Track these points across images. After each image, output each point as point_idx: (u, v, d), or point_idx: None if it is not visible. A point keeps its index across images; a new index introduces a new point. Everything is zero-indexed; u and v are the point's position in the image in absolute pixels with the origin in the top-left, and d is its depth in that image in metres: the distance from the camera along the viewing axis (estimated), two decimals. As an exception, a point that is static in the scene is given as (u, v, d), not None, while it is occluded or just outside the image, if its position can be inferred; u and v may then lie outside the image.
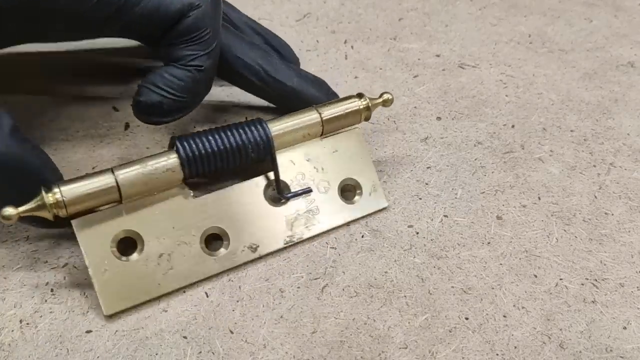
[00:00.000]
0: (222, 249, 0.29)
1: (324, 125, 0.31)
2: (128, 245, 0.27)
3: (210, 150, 0.29)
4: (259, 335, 0.26)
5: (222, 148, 0.29)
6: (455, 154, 0.36)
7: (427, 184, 0.34)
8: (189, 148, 0.28)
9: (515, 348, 0.26)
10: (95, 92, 0.40)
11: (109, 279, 0.26)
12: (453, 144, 0.37)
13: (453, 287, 0.28)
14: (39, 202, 0.26)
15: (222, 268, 0.29)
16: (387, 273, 0.29)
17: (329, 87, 0.37)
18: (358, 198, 0.32)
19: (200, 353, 0.25)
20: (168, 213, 0.28)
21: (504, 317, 0.27)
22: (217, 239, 0.29)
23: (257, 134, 0.30)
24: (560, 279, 0.29)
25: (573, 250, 0.30)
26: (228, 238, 0.29)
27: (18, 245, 0.30)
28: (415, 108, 0.40)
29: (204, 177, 0.31)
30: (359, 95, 0.33)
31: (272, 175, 0.30)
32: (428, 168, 0.35)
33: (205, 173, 0.29)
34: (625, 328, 0.27)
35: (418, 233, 0.31)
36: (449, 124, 0.38)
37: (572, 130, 0.38)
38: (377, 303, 0.28)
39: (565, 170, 0.35)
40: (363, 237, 0.31)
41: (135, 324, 0.26)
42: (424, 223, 0.32)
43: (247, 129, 0.30)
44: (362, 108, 0.32)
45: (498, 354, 0.26)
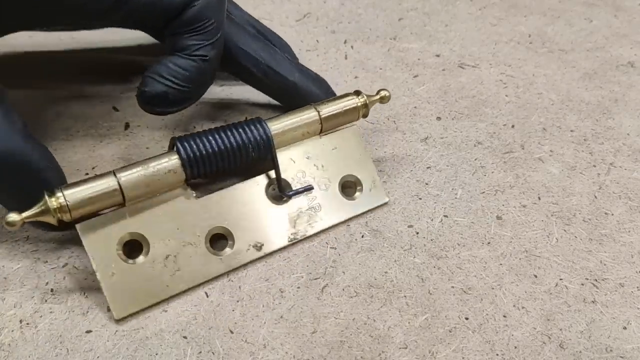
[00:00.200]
0: (227, 249, 0.29)
1: (323, 123, 0.32)
2: (133, 248, 0.27)
3: (211, 151, 0.29)
4: (259, 335, 0.26)
5: (222, 148, 0.29)
6: (455, 154, 0.36)
7: (427, 184, 0.34)
8: (190, 149, 0.28)
9: (515, 348, 0.26)
10: (95, 92, 0.40)
11: (117, 283, 0.26)
12: (453, 144, 0.37)
13: (453, 287, 0.28)
14: (43, 207, 0.25)
15: (228, 267, 0.29)
16: (387, 273, 0.29)
17: (329, 85, 0.37)
18: (359, 194, 0.32)
19: (200, 353, 0.25)
20: (172, 214, 0.28)
21: (504, 317, 0.27)
22: (221, 239, 0.29)
23: (257, 133, 0.30)
24: (560, 279, 0.29)
25: (573, 250, 0.30)
26: (233, 237, 0.29)
27: (18, 245, 0.30)
28: (415, 108, 0.40)
29: (205, 177, 0.31)
30: (357, 93, 0.33)
31: (272, 174, 0.31)
32: (428, 168, 0.35)
33: (207, 174, 0.29)
34: (625, 328, 0.27)
35: (418, 233, 0.31)
36: (449, 124, 0.38)
37: (572, 130, 0.38)
38: (377, 303, 0.28)
39: (565, 170, 0.35)
40: (363, 237, 0.31)
41: (135, 324, 0.26)
42: (424, 223, 0.32)
43: (247, 129, 0.30)
44: (360, 105, 0.32)
45: (498, 354, 0.26)
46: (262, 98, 0.40)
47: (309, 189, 0.31)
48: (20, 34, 0.32)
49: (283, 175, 0.31)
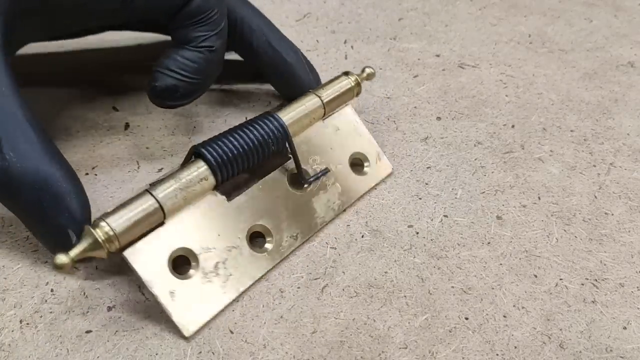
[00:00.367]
0: (267, 245, 0.29)
1: (325, 107, 0.33)
2: (176, 264, 0.27)
3: (236, 152, 0.28)
4: (259, 335, 0.26)
5: (245, 147, 0.29)
6: (455, 154, 0.36)
7: (427, 184, 0.34)
8: (216, 153, 0.28)
9: (515, 348, 0.26)
10: (95, 92, 0.40)
11: (179, 302, 0.26)
12: (453, 144, 0.37)
13: (453, 287, 0.28)
14: (91, 241, 0.24)
15: (274, 262, 0.29)
16: (387, 273, 0.29)
17: (319, 79, 0.37)
18: (367, 169, 0.34)
19: (200, 353, 0.25)
20: (210, 222, 0.28)
21: (504, 317, 0.27)
22: (258, 237, 0.30)
23: (272, 126, 0.30)
24: (560, 279, 0.29)
25: (573, 250, 0.30)
26: (271, 233, 0.29)
27: (18, 245, 0.30)
28: (415, 108, 0.40)
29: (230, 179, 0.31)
30: (346, 73, 0.34)
31: (289, 166, 0.31)
32: (428, 168, 0.35)
33: (234, 175, 0.29)
34: (625, 328, 0.27)
35: (418, 233, 0.31)
36: (449, 124, 0.38)
37: (572, 130, 0.38)
38: (377, 303, 0.28)
39: (565, 170, 0.35)
40: (363, 237, 0.31)
41: (135, 324, 0.26)
42: (424, 223, 0.32)
43: (263, 124, 0.30)
44: (353, 85, 0.34)
45: (498, 354, 0.26)
46: (255, 97, 0.40)
47: (326, 172, 0.32)
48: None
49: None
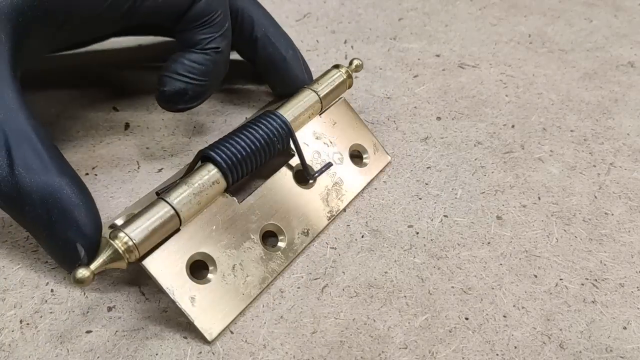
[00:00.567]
0: (280, 243, 0.29)
1: (322, 102, 0.33)
2: (193, 268, 0.27)
3: (244, 152, 0.29)
4: (259, 335, 0.26)
5: (253, 147, 0.29)
6: (455, 154, 0.36)
7: (427, 184, 0.34)
8: (225, 155, 0.28)
9: (515, 348, 0.26)
10: (95, 92, 0.40)
11: (199, 307, 0.26)
12: (453, 144, 0.37)
13: (453, 287, 0.28)
14: (111, 252, 0.24)
15: (288, 260, 0.29)
16: (387, 273, 0.29)
17: (312, 76, 0.37)
18: (367, 160, 0.34)
19: (201, 353, 0.25)
20: (223, 225, 0.28)
21: (504, 317, 0.27)
22: (269, 236, 0.30)
23: (276, 124, 0.30)
24: (560, 279, 0.29)
25: (573, 250, 0.30)
26: (283, 232, 0.30)
27: (18, 245, 0.30)
28: (415, 108, 0.40)
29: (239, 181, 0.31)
30: (336, 67, 0.35)
31: (293, 163, 0.31)
32: (428, 168, 0.35)
33: (244, 176, 0.29)
34: (625, 328, 0.27)
35: (418, 233, 0.31)
36: (449, 124, 0.38)
37: (572, 130, 0.38)
38: (377, 303, 0.28)
39: (565, 170, 0.35)
40: (363, 237, 0.31)
41: (136, 324, 0.26)
42: (424, 223, 0.32)
43: (266, 122, 0.30)
44: (346, 77, 0.35)
45: (498, 354, 0.26)
46: (255, 96, 0.40)
47: (329, 166, 0.32)
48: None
49: None
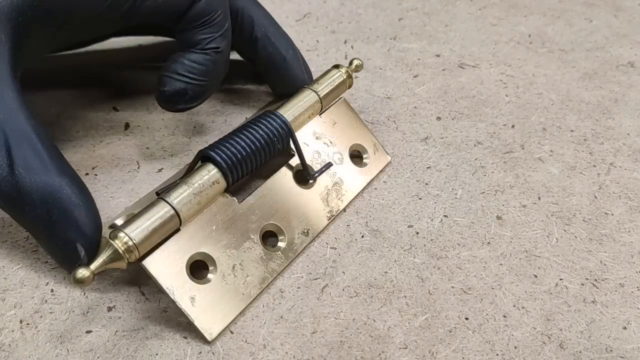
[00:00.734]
0: (280, 243, 0.29)
1: (322, 102, 0.33)
2: (193, 268, 0.27)
3: (244, 153, 0.29)
4: (259, 335, 0.26)
5: (253, 147, 0.29)
6: (455, 154, 0.36)
7: (427, 184, 0.34)
8: (225, 155, 0.28)
9: (515, 348, 0.26)
10: (95, 92, 0.40)
11: (200, 307, 0.26)
12: (453, 144, 0.37)
13: (453, 287, 0.28)
14: (111, 252, 0.24)
15: (288, 260, 0.29)
16: (387, 273, 0.29)
17: (312, 76, 0.37)
18: (367, 160, 0.34)
19: (201, 353, 0.25)
20: (223, 225, 0.28)
21: (504, 317, 0.27)
22: (269, 236, 0.30)
23: (276, 124, 0.30)
24: (560, 279, 0.29)
25: (573, 250, 0.30)
26: (283, 232, 0.30)
27: (18, 245, 0.30)
28: (415, 108, 0.40)
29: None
30: (336, 67, 0.35)
31: (293, 163, 0.31)
32: (428, 168, 0.35)
33: (244, 176, 0.29)
34: (625, 328, 0.27)
35: (418, 233, 0.31)
36: (449, 124, 0.38)
37: (572, 130, 0.38)
38: (377, 303, 0.28)
39: (565, 170, 0.35)
40: (363, 237, 0.31)
41: (136, 324, 0.26)
42: (424, 223, 0.32)
43: (266, 122, 0.30)
44: (346, 77, 0.35)
45: (498, 354, 0.26)
46: (255, 96, 0.40)
47: (329, 166, 0.32)
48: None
49: None
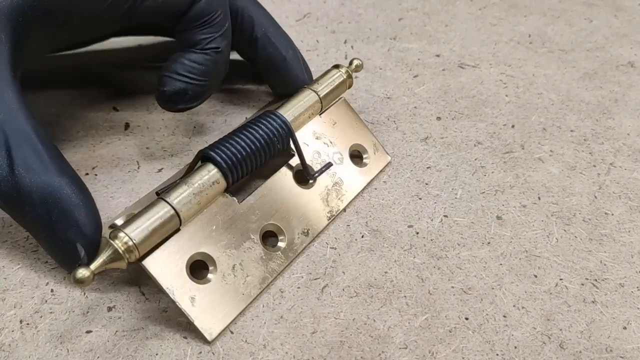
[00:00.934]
0: (280, 243, 0.29)
1: (322, 102, 0.33)
2: (193, 268, 0.27)
3: (244, 153, 0.29)
4: (259, 335, 0.26)
5: (253, 147, 0.29)
6: (455, 154, 0.36)
7: (427, 184, 0.34)
8: (225, 155, 0.28)
9: (515, 348, 0.26)
10: (95, 92, 0.40)
11: (199, 307, 0.26)
12: (453, 144, 0.37)
13: (453, 287, 0.28)
14: (111, 252, 0.24)
15: (288, 260, 0.29)
16: (387, 273, 0.29)
17: (312, 76, 0.37)
18: (367, 160, 0.34)
19: (201, 353, 0.25)
20: (223, 225, 0.28)
21: (504, 317, 0.27)
22: (269, 236, 0.30)
23: (276, 124, 0.30)
24: (560, 279, 0.29)
25: (573, 250, 0.30)
26: (283, 232, 0.30)
27: (18, 245, 0.30)
28: (415, 108, 0.40)
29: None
30: (336, 67, 0.35)
31: (294, 162, 0.31)
32: (428, 168, 0.35)
33: (244, 176, 0.29)
34: (625, 328, 0.27)
35: (418, 233, 0.31)
36: (449, 124, 0.38)
37: (572, 130, 0.38)
38: (377, 303, 0.28)
39: (565, 170, 0.35)
40: (363, 237, 0.31)
41: (136, 324, 0.26)
42: (424, 223, 0.32)
43: (266, 122, 0.30)
44: (346, 77, 0.35)
45: (498, 354, 0.26)
46: (255, 96, 0.40)
47: (329, 166, 0.32)
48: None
49: None
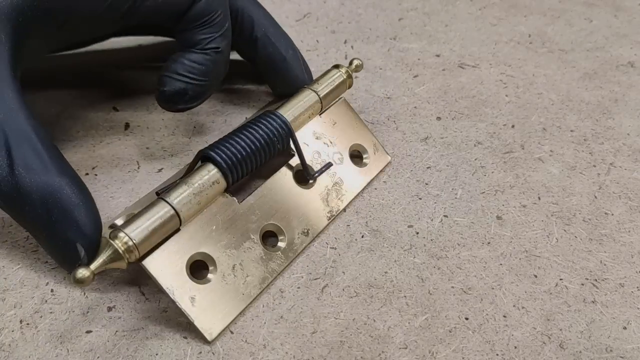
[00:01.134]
0: (280, 243, 0.29)
1: (322, 102, 0.33)
2: (193, 268, 0.27)
3: (244, 153, 0.28)
4: (259, 335, 0.26)
5: (253, 147, 0.29)
6: (455, 154, 0.36)
7: (427, 184, 0.34)
8: (225, 155, 0.28)
9: (515, 348, 0.26)
10: (95, 92, 0.40)
11: (200, 307, 0.26)
12: (453, 144, 0.37)
13: (453, 287, 0.28)
14: (111, 252, 0.24)
15: (288, 260, 0.29)
16: (387, 273, 0.29)
17: (312, 76, 0.37)
18: (367, 160, 0.34)
19: (201, 353, 0.25)
20: (223, 225, 0.28)
21: (504, 317, 0.27)
22: (269, 236, 0.30)
23: (276, 124, 0.30)
24: (560, 279, 0.29)
25: (573, 250, 0.30)
26: (283, 232, 0.30)
27: (18, 245, 0.30)
28: (415, 108, 0.40)
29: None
30: (336, 67, 0.35)
31: (294, 163, 0.31)
32: (428, 168, 0.35)
33: (244, 176, 0.29)
34: (625, 328, 0.27)
35: (418, 233, 0.31)
36: (449, 124, 0.38)
37: (572, 130, 0.38)
38: (377, 303, 0.28)
39: (565, 170, 0.35)
40: (363, 237, 0.31)
41: (136, 324, 0.26)
42: (424, 223, 0.32)
43: (266, 122, 0.30)
44: (346, 77, 0.35)
45: (498, 354, 0.26)
46: (255, 96, 0.40)
47: (329, 166, 0.32)
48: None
49: None
